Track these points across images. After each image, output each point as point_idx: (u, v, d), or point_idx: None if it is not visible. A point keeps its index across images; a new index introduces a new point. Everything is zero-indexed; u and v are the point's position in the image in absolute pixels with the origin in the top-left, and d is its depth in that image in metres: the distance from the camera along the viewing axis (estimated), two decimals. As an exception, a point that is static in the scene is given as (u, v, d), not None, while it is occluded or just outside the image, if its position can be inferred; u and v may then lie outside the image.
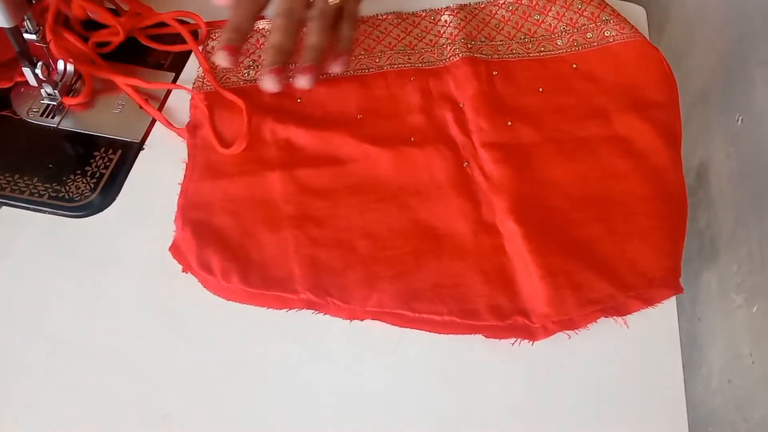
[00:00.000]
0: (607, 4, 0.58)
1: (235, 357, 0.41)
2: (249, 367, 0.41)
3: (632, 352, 0.43)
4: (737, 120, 0.50)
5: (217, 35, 0.56)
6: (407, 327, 0.43)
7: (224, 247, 0.44)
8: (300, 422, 0.40)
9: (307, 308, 0.43)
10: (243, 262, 0.44)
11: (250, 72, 0.54)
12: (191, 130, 0.51)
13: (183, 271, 0.44)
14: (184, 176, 0.48)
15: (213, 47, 0.55)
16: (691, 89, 0.57)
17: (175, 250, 0.45)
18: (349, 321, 0.43)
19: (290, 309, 0.43)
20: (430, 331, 0.43)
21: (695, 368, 0.49)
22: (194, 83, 0.53)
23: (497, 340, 0.43)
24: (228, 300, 0.43)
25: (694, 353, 0.50)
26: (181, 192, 0.47)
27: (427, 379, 0.41)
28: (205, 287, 0.44)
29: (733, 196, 0.49)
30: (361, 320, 0.43)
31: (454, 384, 0.41)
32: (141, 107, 0.51)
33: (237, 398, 0.40)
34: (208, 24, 0.56)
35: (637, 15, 0.61)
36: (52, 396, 0.40)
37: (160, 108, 0.52)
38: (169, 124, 0.51)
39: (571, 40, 0.57)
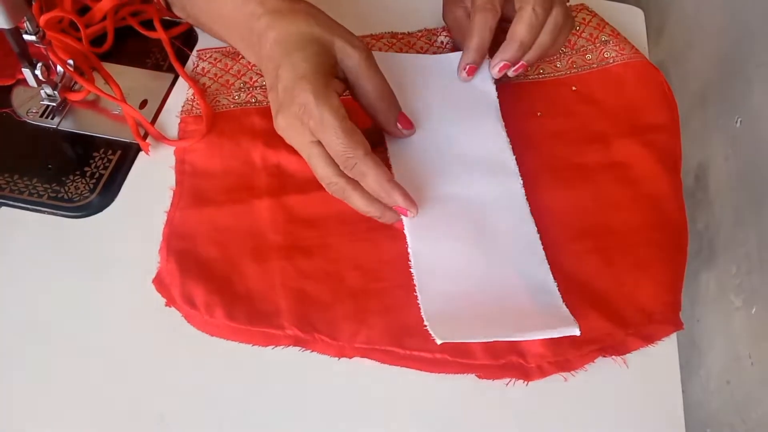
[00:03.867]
0: (607, 24, 0.57)
1: (230, 357, 0.41)
2: (244, 367, 0.41)
3: (629, 354, 0.43)
4: (736, 122, 0.50)
5: (207, 56, 0.55)
6: (397, 365, 0.41)
7: (208, 279, 0.43)
8: (295, 422, 0.40)
9: (294, 345, 0.41)
10: (227, 295, 0.42)
11: (241, 95, 0.52)
12: (179, 155, 0.49)
13: (166, 305, 0.42)
14: (171, 203, 0.47)
15: (203, 68, 0.54)
16: (690, 91, 0.57)
17: (159, 282, 0.43)
18: (337, 359, 0.41)
19: (276, 346, 0.41)
20: (421, 370, 0.41)
21: (694, 369, 0.49)
22: (183, 106, 0.52)
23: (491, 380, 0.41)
24: (212, 336, 0.42)
25: (693, 355, 0.50)
26: (167, 220, 0.46)
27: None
28: (188, 322, 0.42)
29: (732, 197, 0.49)
30: (350, 358, 0.41)
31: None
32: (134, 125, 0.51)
33: (232, 398, 0.40)
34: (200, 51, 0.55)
35: (636, 18, 0.61)
36: (49, 395, 0.40)
37: (158, 113, 0.52)
38: (161, 136, 0.50)
39: (570, 61, 0.56)
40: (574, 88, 0.54)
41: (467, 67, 0.50)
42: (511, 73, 0.50)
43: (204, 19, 0.50)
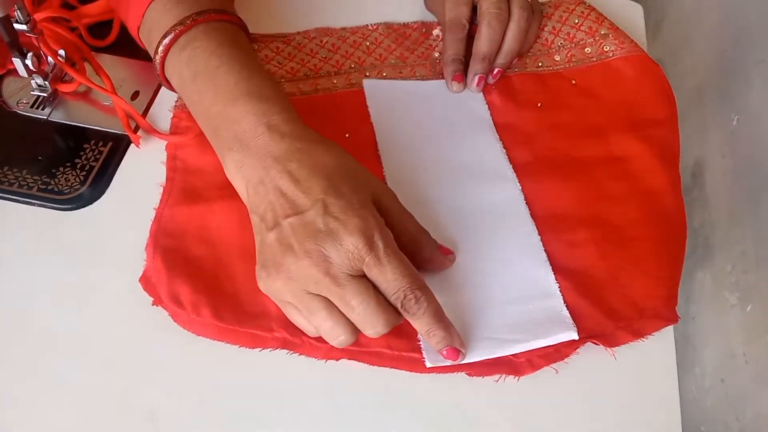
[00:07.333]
0: (605, 18, 0.57)
1: (223, 353, 0.41)
2: (237, 362, 0.41)
3: (625, 350, 0.43)
4: (733, 119, 0.50)
5: None
6: (385, 366, 0.40)
7: (196, 278, 0.42)
8: (289, 419, 0.39)
9: (282, 348, 0.41)
10: (215, 295, 0.41)
11: None
12: (171, 150, 0.48)
13: (153, 304, 0.42)
14: (160, 200, 0.46)
15: None
16: (687, 88, 0.57)
17: (145, 281, 0.42)
18: (324, 361, 0.40)
19: (263, 348, 0.40)
20: (410, 371, 0.40)
21: (688, 367, 0.49)
22: (177, 101, 0.51)
23: (481, 377, 0.40)
24: (199, 336, 0.41)
25: (688, 352, 0.50)
26: (155, 217, 0.45)
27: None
28: (175, 321, 0.41)
29: (728, 195, 0.49)
30: (337, 360, 0.40)
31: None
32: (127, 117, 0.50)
33: (225, 394, 0.40)
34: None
35: (635, 13, 0.60)
36: (39, 390, 0.39)
37: (149, 105, 0.52)
38: (152, 130, 0.50)
39: (569, 55, 0.55)
40: (573, 81, 0.54)
41: (453, 75, 0.53)
42: (490, 80, 0.53)
43: (195, 97, 0.44)
